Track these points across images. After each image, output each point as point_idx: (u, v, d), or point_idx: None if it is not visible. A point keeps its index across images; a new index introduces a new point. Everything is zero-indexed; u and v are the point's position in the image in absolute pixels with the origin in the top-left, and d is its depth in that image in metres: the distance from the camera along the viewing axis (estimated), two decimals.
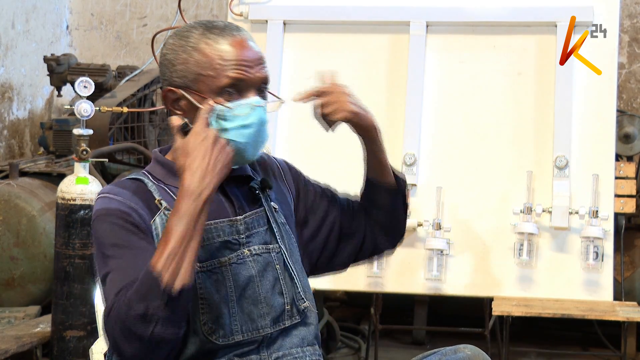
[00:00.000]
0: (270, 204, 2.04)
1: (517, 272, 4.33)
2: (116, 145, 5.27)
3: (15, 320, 4.41)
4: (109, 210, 1.88)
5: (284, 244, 2.01)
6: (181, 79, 1.94)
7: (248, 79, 1.93)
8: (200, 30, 1.95)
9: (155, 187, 1.95)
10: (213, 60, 1.92)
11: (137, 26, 6.53)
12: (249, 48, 1.95)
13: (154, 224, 1.90)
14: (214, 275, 1.91)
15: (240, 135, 1.90)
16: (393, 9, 4.60)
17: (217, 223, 1.94)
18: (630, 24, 5.73)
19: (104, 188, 1.97)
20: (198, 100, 1.92)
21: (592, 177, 4.32)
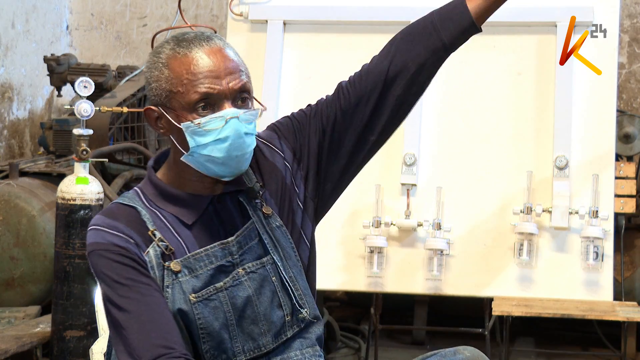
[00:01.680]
0: (259, 212, 1.96)
1: (517, 272, 4.33)
2: (116, 145, 5.26)
3: (15, 320, 4.40)
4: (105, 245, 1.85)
5: (277, 253, 1.96)
6: (157, 97, 1.90)
7: (219, 92, 1.86)
8: (170, 44, 1.90)
9: (149, 214, 1.91)
10: (181, 75, 1.86)
11: (137, 26, 6.53)
12: (218, 58, 1.88)
13: (148, 256, 1.87)
14: (211, 303, 1.89)
15: (217, 150, 1.85)
16: (393, 9, 4.60)
17: (208, 250, 1.90)
18: (630, 24, 5.73)
19: (95, 219, 1.91)
20: (174, 119, 1.87)
21: (592, 177, 4.32)
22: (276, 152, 2.03)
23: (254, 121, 1.90)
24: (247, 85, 1.90)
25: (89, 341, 3.94)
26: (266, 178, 2.01)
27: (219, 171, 1.89)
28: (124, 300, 1.82)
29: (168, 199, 1.93)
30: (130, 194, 1.96)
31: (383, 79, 2.04)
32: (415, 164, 4.43)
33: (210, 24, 6.12)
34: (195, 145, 1.86)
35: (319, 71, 4.51)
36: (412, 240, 4.38)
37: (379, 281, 4.39)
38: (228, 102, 1.86)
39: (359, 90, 2.04)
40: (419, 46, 2.06)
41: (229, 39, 4.82)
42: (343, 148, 2.03)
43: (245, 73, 1.91)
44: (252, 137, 1.90)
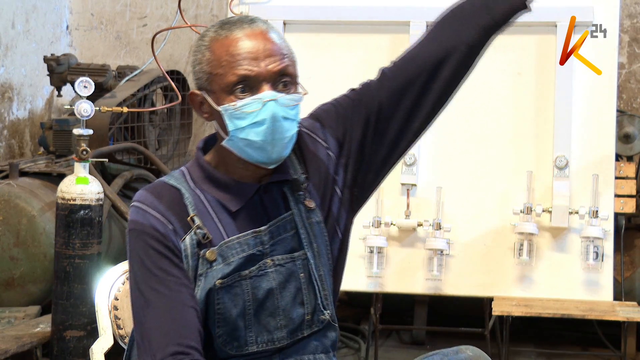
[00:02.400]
0: (300, 205, 1.93)
1: (517, 272, 4.34)
2: (116, 145, 5.26)
3: (15, 320, 4.40)
4: (145, 226, 1.85)
5: (311, 250, 1.93)
6: (199, 80, 1.89)
7: (257, 74, 1.82)
8: (215, 27, 1.89)
9: (192, 197, 1.89)
10: (221, 57, 1.84)
11: (137, 26, 6.53)
12: (259, 40, 1.84)
13: (183, 243, 1.86)
14: (233, 290, 1.87)
15: (254, 133, 1.82)
16: (393, 9, 4.60)
17: (240, 238, 1.88)
18: (630, 24, 5.73)
19: (139, 195, 1.90)
20: (215, 101, 1.86)
21: (592, 177, 4.32)
22: (319, 142, 1.99)
23: (295, 106, 1.86)
24: (288, 69, 1.86)
25: (89, 341, 3.94)
26: (310, 169, 1.97)
27: (258, 156, 1.85)
28: (151, 292, 1.82)
29: (214, 184, 1.90)
30: (176, 173, 1.94)
31: (432, 61, 1.99)
32: (415, 164, 4.43)
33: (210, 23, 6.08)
34: (234, 128, 1.83)
35: (319, 71, 4.51)
36: (412, 240, 4.38)
37: (379, 281, 4.39)
38: (267, 85, 1.83)
39: (405, 75, 1.99)
40: (468, 26, 2.01)
41: None
42: (387, 136, 1.99)
43: (289, 57, 1.88)
44: (291, 123, 1.86)
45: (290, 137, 1.86)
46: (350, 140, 1.99)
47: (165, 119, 5.88)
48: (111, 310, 2.12)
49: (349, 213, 2.01)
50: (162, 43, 5.44)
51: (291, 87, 1.87)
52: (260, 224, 1.90)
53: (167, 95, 5.88)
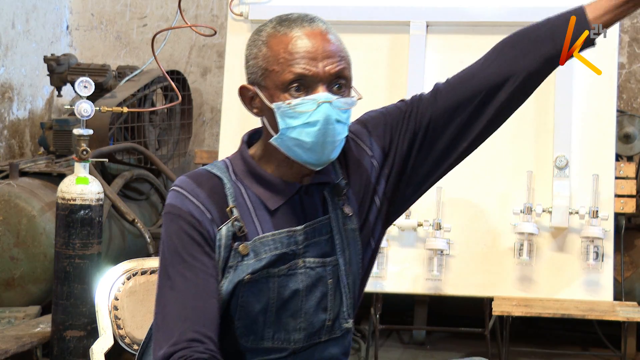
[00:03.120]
0: (338, 211, 1.91)
1: (517, 272, 4.33)
2: (116, 145, 5.26)
3: (15, 320, 4.40)
4: (182, 211, 1.84)
5: (343, 256, 1.91)
6: (252, 74, 1.86)
7: (314, 74, 1.80)
8: (273, 23, 1.88)
9: (232, 189, 1.88)
10: (278, 54, 1.82)
11: (137, 26, 6.53)
12: (318, 40, 1.83)
13: (219, 233, 1.85)
14: (259, 285, 1.86)
15: (305, 134, 1.80)
16: (393, 9, 4.60)
17: (275, 235, 1.87)
18: (630, 24, 5.73)
19: (180, 180, 1.89)
20: (267, 98, 1.84)
21: (592, 177, 4.32)
22: (364, 150, 1.97)
23: (348, 109, 1.84)
24: (344, 72, 1.84)
25: (89, 341, 3.94)
26: (351, 175, 1.95)
27: (306, 157, 1.83)
28: (178, 276, 1.81)
29: (256, 179, 1.89)
30: (219, 164, 1.92)
31: (489, 85, 1.97)
32: None
33: (211, 24, 6.12)
34: (285, 127, 1.81)
35: None
36: (412, 240, 4.38)
37: (379, 281, 4.39)
38: (322, 86, 1.81)
39: (459, 95, 1.97)
40: (531, 54, 1.96)
41: (229, 39, 4.82)
42: (432, 153, 1.98)
43: (346, 59, 1.86)
44: (343, 126, 1.83)
45: (341, 141, 1.85)
46: (395, 151, 1.97)
47: (165, 119, 5.88)
48: (111, 310, 2.12)
49: (383, 224, 2.00)
50: (162, 43, 5.44)
51: (346, 90, 1.85)
52: (296, 224, 1.89)
53: (167, 95, 5.88)
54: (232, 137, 4.72)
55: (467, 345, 4.84)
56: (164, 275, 1.84)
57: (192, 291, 1.80)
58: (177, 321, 1.79)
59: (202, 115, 6.42)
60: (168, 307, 1.81)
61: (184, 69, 6.31)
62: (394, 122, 1.98)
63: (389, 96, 4.52)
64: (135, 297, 2.16)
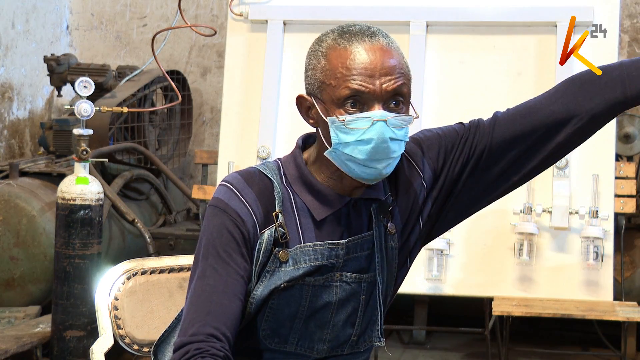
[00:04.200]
0: (382, 228, 1.89)
1: (517, 272, 4.33)
2: (116, 145, 5.27)
3: (15, 320, 4.41)
4: (228, 208, 1.83)
5: (381, 275, 1.90)
6: (310, 85, 1.85)
7: (370, 92, 1.78)
8: (334, 34, 1.84)
9: (281, 193, 1.87)
10: (336, 68, 1.79)
11: (137, 26, 6.53)
12: (377, 56, 1.79)
13: (262, 236, 1.83)
14: (292, 291, 1.85)
15: (358, 151, 1.79)
16: (393, 9, 4.60)
17: (317, 246, 1.85)
18: (630, 24, 5.73)
19: (231, 176, 1.88)
20: (322, 111, 1.82)
21: (592, 177, 4.32)
22: (416, 170, 1.95)
23: (404, 127, 1.81)
24: (402, 89, 1.81)
25: (89, 341, 3.94)
26: (400, 194, 1.94)
27: (359, 172, 1.82)
28: (210, 269, 1.81)
29: (306, 187, 1.87)
30: (271, 164, 1.91)
31: (550, 122, 1.95)
32: None
33: (211, 24, 6.12)
34: (339, 142, 1.80)
35: None
36: None
37: None
38: (379, 104, 1.79)
39: (518, 128, 1.95)
40: (598, 96, 1.92)
41: (229, 39, 4.82)
42: (483, 181, 1.96)
43: (405, 76, 1.83)
44: (399, 144, 1.81)
45: (396, 158, 1.82)
46: (446, 174, 1.96)
47: (165, 119, 5.89)
48: (111, 310, 2.12)
49: (421, 245, 1.99)
50: (162, 43, 5.44)
51: (403, 106, 1.82)
52: (339, 237, 1.87)
53: (167, 95, 5.89)
54: (232, 137, 4.73)
55: (467, 345, 4.84)
56: (198, 266, 1.84)
57: (221, 288, 1.80)
58: (201, 313, 1.78)
59: (202, 115, 6.42)
60: (195, 297, 1.81)
61: (184, 69, 6.31)
62: (449, 145, 1.97)
63: None
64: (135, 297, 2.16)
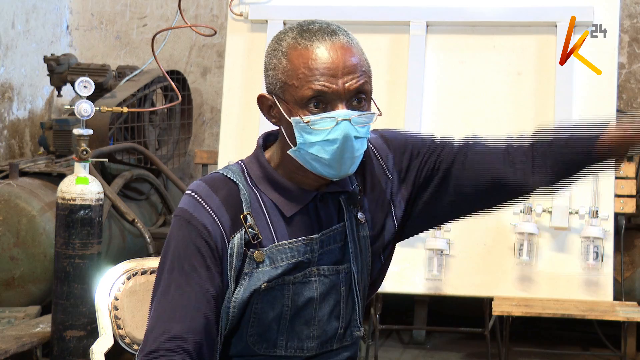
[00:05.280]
0: (352, 218, 1.91)
1: (517, 272, 4.33)
2: (116, 145, 5.26)
3: (15, 320, 4.40)
4: (193, 219, 1.82)
5: (356, 264, 1.91)
6: (272, 85, 1.83)
7: (333, 91, 1.77)
8: (294, 33, 1.82)
9: (248, 194, 1.86)
10: (298, 68, 1.78)
11: (137, 26, 6.53)
12: (339, 55, 1.78)
13: (231, 242, 1.83)
14: (274, 292, 1.85)
15: (324, 151, 1.79)
16: (393, 9, 4.60)
17: (292, 243, 1.85)
18: (630, 24, 5.73)
19: (195, 184, 1.87)
20: (285, 111, 1.81)
21: (592, 177, 4.32)
22: (382, 165, 1.97)
23: (367, 125, 1.82)
24: (364, 87, 1.81)
25: (89, 341, 3.94)
26: (367, 185, 1.95)
27: (323, 171, 1.82)
28: (174, 284, 1.81)
29: (272, 185, 1.87)
30: (235, 167, 1.90)
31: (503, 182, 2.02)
32: None
33: (210, 24, 6.12)
34: (303, 142, 1.80)
35: None
36: (412, 240, 4.35)
37: None
38: (342, 103, 1.78)
39: (476, 172, 2.03)
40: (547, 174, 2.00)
41: (229, 39, 4.82)
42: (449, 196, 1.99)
43: (366, 73, 1.82)
44: (362, 141, 1.82)
45: (359, 156, 1.84)
46: (414, 179, 1.98)
47: (165, 119, 5.88)
48: (111, 310, 2.12)
49: (394, 242, 2.01)
50: (162, 43, 5.44)
51: (365, 103, 1.82)
52: (311, 232, 1.87)
53: (167, 95, 5.89)
54: (232, 137, 4.73)
55: (467, 345, 4.84)
56: (161, 279, 1.84)
57: (183, 303, 1.79)
58: (159, 327, 1.79)
59: (202, 115, 6.42)
60: (157, 312, 1.81)
61: (184, 69, 6.31)
62: (415, 150, 2.00)
63: (388, 96, 4.52)
64: (135, 297, 2.16)
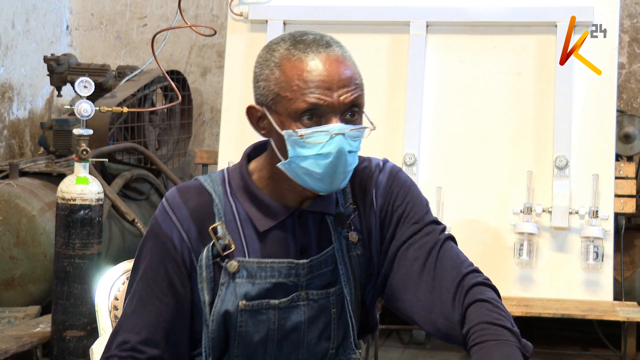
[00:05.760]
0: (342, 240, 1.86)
1: (517, 272, 4.33)
2: (116, 145, 5.26)
3: (15, 320, 4.40)
4: (161, 232, 1.82)
5: (348, 286, 1.85)
6: (263, 96, 1.78)
7: (328, 104, 1.73)
8: (287, 44, 1.77)
9: (222, 204, 1.83)
10: (292, 80, 1.73)
11: (137, 26, 6.53)
12: (333, 68, 1.75)
13: (200, 256, 1.81)
14: (259, 316, 1.81)
15: (317, 165, 1.74)
16: (393, 9, 4.60)
17: (275, 263, 1.81)
18: (630, 24, 5.73)
19: (170, 193, 1.85)
20: (277, 123, 1.76)
21: (592, 177, 4.32)
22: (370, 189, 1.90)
23: (360, 139, 1.78)
24: (359, 100, 1.77)
25: (89, 341, 3.94)
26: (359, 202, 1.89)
27: (314, 185, 1.78)
28: (137, 296, 1.82)
29: (249, 197, 1.83)
30: (216, 175, 1.87)
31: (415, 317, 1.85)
32: (415, 164, 4.43)
33: (210, 24, 6.12)
34: (295, 155, 1.75)
35: None
36: None
37: None
38: (336, 117, 1.74)
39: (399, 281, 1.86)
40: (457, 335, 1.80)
41: (229, 39, 4.82)
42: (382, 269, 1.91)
43: (360, 86, 1.79)
44: (354, 155, 1.78)
45: (351, 170, 1.79)
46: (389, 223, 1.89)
47: (165, 119, 5.88)
48: (111, 310, 2.12)
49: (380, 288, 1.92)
50: (162, 43, 5.44)
51: (358, 117, 1.78)
52: (286, 251, 1.83)
53: (167, 95, 5.88)
54: (232, 137, 4.73)
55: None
56: (130, 289, 1.85)
57: (145, 316, 1.80)
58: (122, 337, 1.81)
59: (202, 115, 6.42)
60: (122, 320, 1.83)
61: (184, 69, 6.31)
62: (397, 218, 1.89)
63: (388, 96, 4.52)
64: None
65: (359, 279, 1.88)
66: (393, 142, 4.49)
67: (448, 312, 1.78)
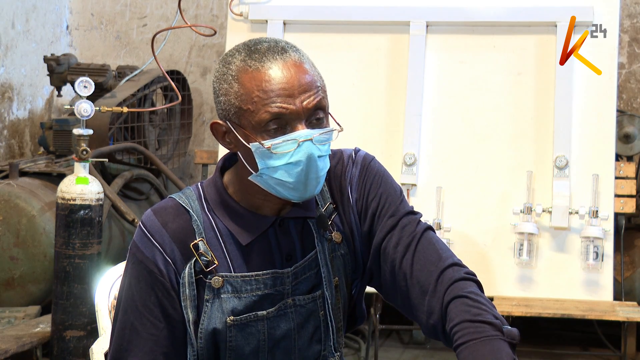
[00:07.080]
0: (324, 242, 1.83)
1: (517, 272, 4.33)
2: (116, 145, 5.26)
3: (15, 320, 4.40)
4: (145, 258, 1.78)
5: (329, 289, 1.83)
6: (225, 111, 1.74)
7: (292, 112, 1.69)
8: (242, 54, 1.73)
9: (201, 221, 1.80)
10: (252, 92, 1.69)
11: (137, 26, 6.53)
12: (292, 74, 1.70)
13: (182, 275, 1.78)
14: (248, 329, 1.79)
15: (288, 175, 1.71)
16: (393, 9, 4.60)
17: (259, 276, 1.79)
18: (630, 24, 5.73)
19: (147, 217, 1.81)
20: (243, 137, 1.72)
21: (592, 177, 4.32)
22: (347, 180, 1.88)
23: (328, 142, 1.75)
24: (322, 102, 1.73)
25: (89, 341, 3.94)
26: (337, 198, 1.88)
27: (288, 194, 1.75)
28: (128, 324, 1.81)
29: (227, 212, 1.81)
30: (190, 192, 1.84)
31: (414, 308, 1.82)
32: (415, 164, 4.43)
33: (210, 24, 6.12)
34: (265, 167, 1.72)
35: None
36: None
37: None
38: (301, 123, 1.70)
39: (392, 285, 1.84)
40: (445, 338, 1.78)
41: (229, 39, 4.82)
42: None
43: (322, 88, 1.74)
44: (325, 160, 1.75)
45: (324, 175, 1.76)
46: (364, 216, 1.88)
47: (165, 119, 5.88)
48: (111, 310, 2.12)
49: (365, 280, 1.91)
50: (162, 43, 5.44)
51: (324, 120, 1.75)
52: (271, 261, 1.81)
53: (167, 95, 5.88)
54: None
55: None
56: (116, 315, 1.84)
57: (136, 342, 1.79)
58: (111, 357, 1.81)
59: (202, 115, 6.42)
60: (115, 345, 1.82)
61: (183, 69, 6.31)
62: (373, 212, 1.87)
63: (388, 96, 4.52)
64: None
65: (345, 277, 1.87)
66: (393, 142, 4.49)
67: (429, 311, 1.76)
